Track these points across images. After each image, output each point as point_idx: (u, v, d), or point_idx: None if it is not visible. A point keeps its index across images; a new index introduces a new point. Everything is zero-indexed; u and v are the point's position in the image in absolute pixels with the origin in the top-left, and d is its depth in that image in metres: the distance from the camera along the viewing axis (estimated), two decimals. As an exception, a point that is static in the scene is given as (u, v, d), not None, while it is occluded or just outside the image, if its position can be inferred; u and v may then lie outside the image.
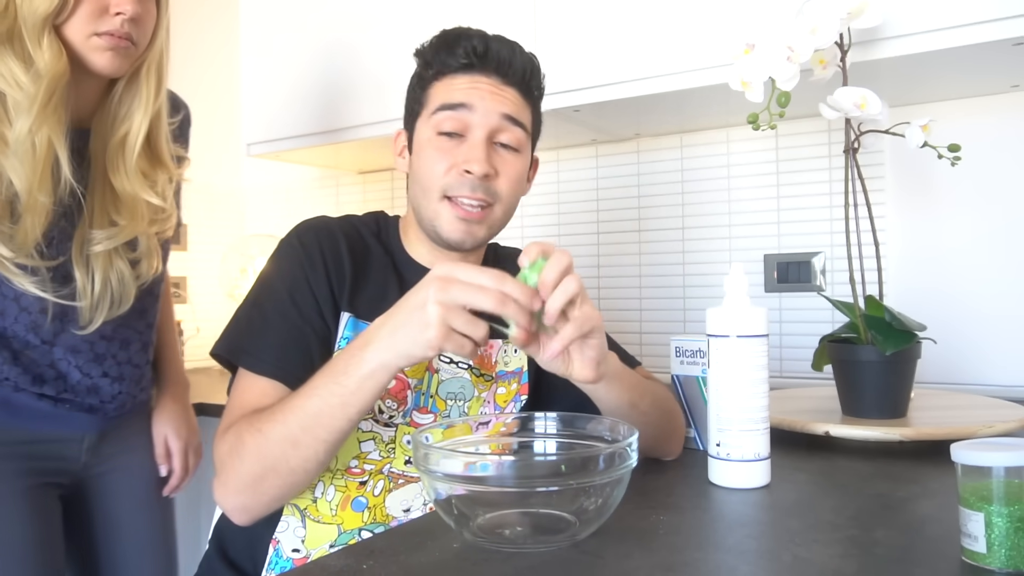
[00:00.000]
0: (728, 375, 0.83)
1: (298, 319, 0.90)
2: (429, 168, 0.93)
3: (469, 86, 0.93)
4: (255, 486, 0.80)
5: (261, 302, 0.91)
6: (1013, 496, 0.58)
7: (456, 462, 0.66)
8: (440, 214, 0.93)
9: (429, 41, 0.98)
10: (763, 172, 1.66)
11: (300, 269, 0.91)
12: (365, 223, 1.01)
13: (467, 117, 0.92)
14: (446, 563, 0.64)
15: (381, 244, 1.00)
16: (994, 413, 1.04)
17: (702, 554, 0.65)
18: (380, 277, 0.96)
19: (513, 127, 0.94)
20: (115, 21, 1.00)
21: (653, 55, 1.36)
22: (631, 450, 0.68)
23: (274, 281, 0.92)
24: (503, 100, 0.93)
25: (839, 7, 1.01)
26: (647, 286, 1.81)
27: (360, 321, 0.92)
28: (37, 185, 0.98)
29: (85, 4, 0.98)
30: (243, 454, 0.80)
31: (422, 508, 0.93)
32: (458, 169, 0.92)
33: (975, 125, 1.43)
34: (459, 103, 0.92)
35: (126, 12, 0.99)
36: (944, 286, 1.48)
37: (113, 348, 1.12)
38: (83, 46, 1.00)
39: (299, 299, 0.90)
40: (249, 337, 0.89)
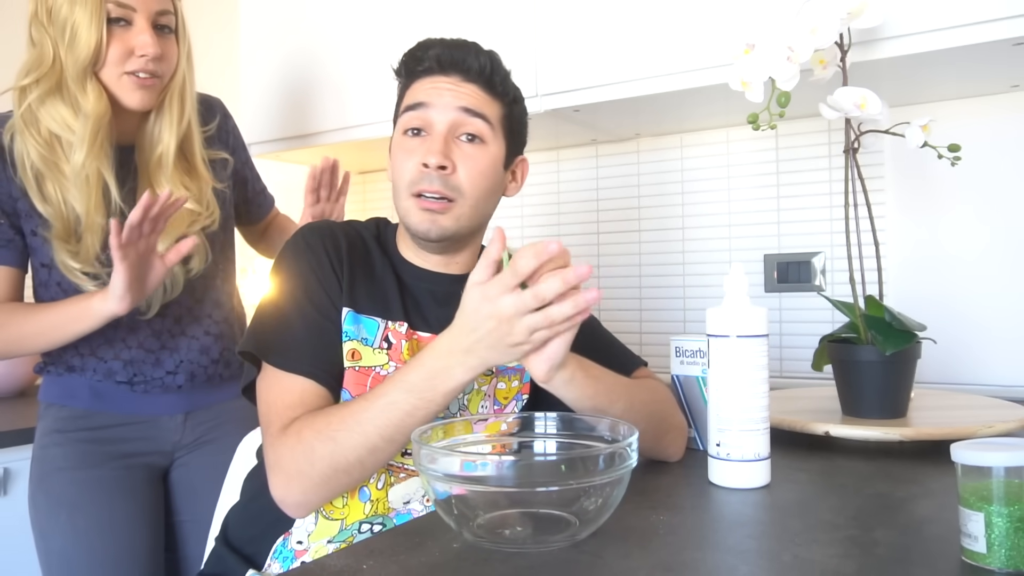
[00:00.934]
0: (728, 375, 0.83)
1: (319, 317, 0.93)
2: (399, 167, 0.97)
3: (430, 87, 0.97)
4: (324, 486, 0.84)
5: (281, 305, 0.95)
6: (1013, 496, 0.58)
7: (456, 462, 0.66)
8: (410, 211, 0.96)
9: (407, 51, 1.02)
10: (763, 172, 1.66)
11: (309, 269, 0.95)
12: (366, 227, 1.05)
13: (427, 115, 0.96)
14: (446, 563, 0.64)
15: (380, 246, 1.03)
16: (994, 413, 1.04)
17: (702, 554, 0.65)
18: (378, 274, 1.00)
19: (472, 119, 0.96)
20: (140, 61, 1.13)
21: (653, 55, 1.36)
22: (631, 450, 0.68)
23: (289, 284, 0.96)
24: (461, 95, 0.96)
25: (839, 7, 1.00)
26: (647, 286, 1.81)
27: (360, 315, 0.95)
28: (93, 209, 1.14)
29: (113, 48, 1.12)
30: (313, 460, 0.83)
31: (421, 500, 0.93)
32: (419, 163, 0.95)
33: (975, 125, 1.43)
34: (419, 102, 0.96)
35: (148, 53, 1.13)
36: (944, 286, 1.48)
37: (168, 324, 1.27)
38: (116, 86, 1.15)
39: (315, 298, 0.94)
40: (276, 337, 0.92)
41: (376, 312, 0.96)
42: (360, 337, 0.94)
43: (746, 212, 1.68)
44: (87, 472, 1.22)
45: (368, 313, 0.96)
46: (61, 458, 1.23)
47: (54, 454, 1.24)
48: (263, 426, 0.90)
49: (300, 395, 0.89)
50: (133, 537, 1.22)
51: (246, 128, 2.07)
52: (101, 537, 1.20)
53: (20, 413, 1.54)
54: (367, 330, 0.95)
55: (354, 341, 0.93)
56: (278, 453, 0.85)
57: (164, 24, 1.17)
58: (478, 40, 1.01)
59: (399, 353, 0.95)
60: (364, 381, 0.92)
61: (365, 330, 0.95)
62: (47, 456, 1.25)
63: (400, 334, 0.95)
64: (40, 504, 1.24)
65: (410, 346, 0.96)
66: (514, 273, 0.76)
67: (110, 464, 1.24)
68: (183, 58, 1.22)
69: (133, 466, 1.26)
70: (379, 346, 0.95)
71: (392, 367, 0.94)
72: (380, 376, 0.93)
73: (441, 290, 1.01)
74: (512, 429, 0.84)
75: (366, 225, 1.06)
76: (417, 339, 0.97)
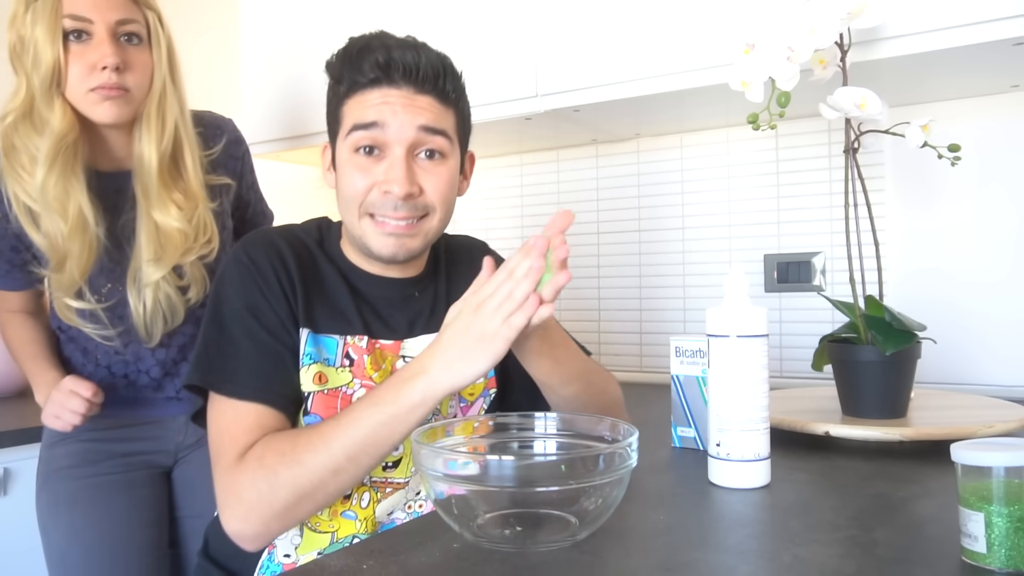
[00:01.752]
0: (728, 375, 0.83)
1: (268, 338, 0.88)
2: (350, 186, 0.91)
3: (380, 102, 0.89)
4: (286, 514, 0.80)
5: (226, 327, 0.89)
6: (1013, 496, 0.58)
7: (455, 462, 0.66)
8: (366, 232, 0.92)
9: (335, 54, 0.95)
10: (763, 172, 1.66)
11: (255, 287, 0.90)
12: (307, 232, 0.99)
13: (381, 135, 0.89)
14: (446, 563, 0.64)
15: (325, 253, 0.98)
16: (994, 413, 1.04)
17: (702, 554, 0.65)
18: (331, 289, 0.95)
19: (433, 136, 0.91)
20: (103, 75, 1.08)
21: (653, 55, 1.36)
22: (631, 450, 0.68)
23: (233, 304, 0.89)
24: (417, 111, 0.90)
25: (839, 7, 1.00)
26: (647, 286, 1.81)
27: (320, 335, 0.91)
28: (68, 234, 1.11)
29: (74, 65, 1.08)
30: (276, 485, 0.79)
31: (403, 509, 0.93)
32: (379, 188, 0.90)
33: (975, 125, 1.43)
34: (371, 122, 0.89)
35: (108, 64, 1.08)
36: (944, 286, 1.48)
37: (172, 353, 1.27)
38: (82, 102, 1.10)
39: (262, 318, 0.89)
40: (223, 364, 0.87)
41: (334, 330, 0.92)
42: (322, 358, 0.91)
43: (746, 212, 1.68)
44: (87, 470, 1.23)
45: (327, 332, 0.92)
46: (65, 457, 1.24)
47: (59, 453, 1.25)
48: (214, 457, 0.85)
49: (256, 421, 0.85)
50: (131, 534, 1.23)
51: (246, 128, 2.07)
52: (98, 534, 1.21)
53: (20, 413, 1.54)
54: (327, 350, 0.91)
55: (317, 364, 0.90)
56: (235, 481, 0.81)
57: (129, 33, 1.12)
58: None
59: (362, 368, 0.92)
60: (333, 404, 0.89)
61: (326, 350, 0.91)
62: (52, 456, 1.26)
63: (360, 348, 0.92)
64: (43, 502, 1.25)
65: (372, 359, 0.92)
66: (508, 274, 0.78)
67: (111, 463, 1.25)
68: (160, 67, 1.15)
69: (135, 465, 1.27)
70: (341, 364, 0.92)
71: (357, 384, 0.91)
72: (348, 396, 0.90)
73: (398, 295, 0.98)
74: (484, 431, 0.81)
75: (307, 230, 1.00)
76: (380, 348, 0.94)
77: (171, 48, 1.19)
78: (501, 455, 0.75)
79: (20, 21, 1.09)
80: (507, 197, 1.99)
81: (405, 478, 0.94)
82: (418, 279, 1.01)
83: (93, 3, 1.08)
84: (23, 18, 1.08)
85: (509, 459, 0.69)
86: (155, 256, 1.15)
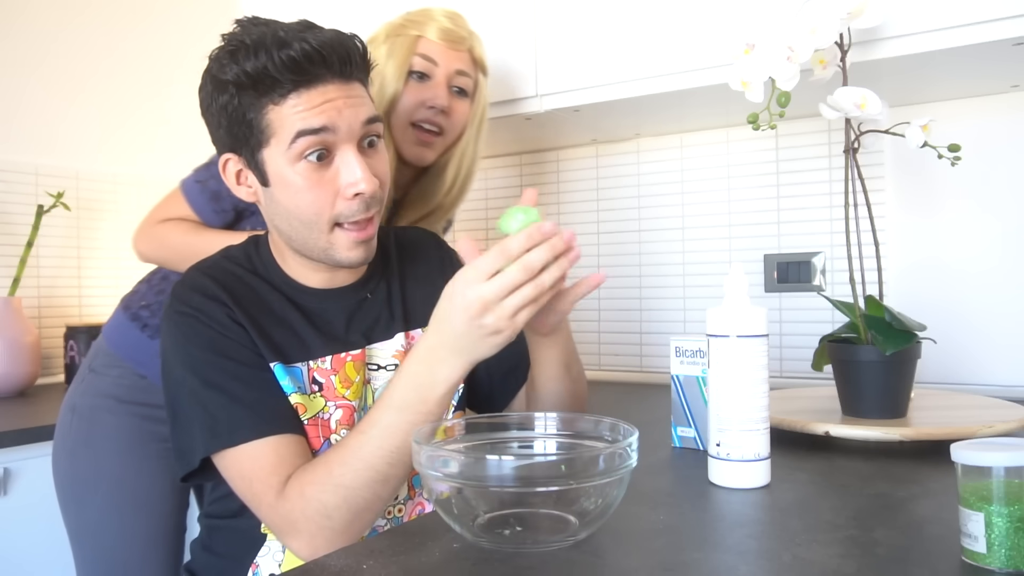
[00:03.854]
0: (728, 375, 0.83)
1: (248, 371, 0.84)
2: (310, 203, 0.84)
3: (323, 101, 0.82)
4: (348, 529, 0.79)
5: (207, 379, 0.83)
6: (1013, 496, 0.58)
7: (455, 462, 0.66)
8: (334, 243, 0.87)
9: (226, 53, 0.83)
10: (763, 172, 1.66)
11: (210, 329, 0.85)
12: (237, 262, 0.93)
13: (331, 138, 0.83)
14: (446, 563, 0.64)
15: (263, 279, 0.92)
16: (994, 413, 1.04)
17: (702, 554, 0.65)
18: (281, 315, 0.90)
19: (373, 125, 0.87)
20: (429, 113, 1.20)
21: (653, 55, 1.36)
22: (631, 450, 0.68)
23: (197, 355, 0.84)
24: (356, 104, 0.84)
25: (839, 7, 1.00)
26: (647, 286, 1.81)
27: (291, 366, 0.87)
28: None
29: (407, 98, 1.19)
30: (329, 512, 0.78)
31: (384, 517, 0.92)
32: (343, 195, 0.84)
33: (975, 125, 1.43)
34: (321, 127, 0.82)
35: (438, 104, 1.19)
36: (944, 286, 1.48)
37: None
38: (401, 135, 1.21)
39: (234, 355, 0.84)
40: (229, 418, 0.82)
41: (298, 357, 0.88)
42: (296, 388, 0.87)
43: (746, 212, 1.68)
44: (136, 450, 1.24)
45: (294, 361, 0.88)
46: (113, 429, 1.24)
47: (106, 422, 1.24)
48: (254, 503, 0.82)
49: (276, 454, 0.81)
50: (168, 517, 1.25)
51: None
52: (136, 515, 1.22)
53: (20, 413, 1.54)
54: (296, 379, 0.88)
55: (294, 395, 0.86)
56: (289, 518, 0.79)
57: (460, 86, 1.23)
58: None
59: (332, 390, 0.89)
60: (315, 433, 0.87)
61: (295, 379, 0.88)
62: (97, 419, 1.24)
63: (326, 370, 0.89)
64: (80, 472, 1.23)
65: (340, 377, 0.90)
66: (503, 254, 0.74)
67: (156, 445, 1.25)
68: (472, 126, 1.26)
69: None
70: (311, 391, 0.88)
71: (332, 407, 0.88)
72: (325, 421, 0.88)
73: (352, 302, 0.95)
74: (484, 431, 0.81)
75: (234, 258, 0.93)
76: (352, 360, 0.91)
77: (484, 110, 1.30)
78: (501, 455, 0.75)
79: (376, 48, 1.21)
80: (507, 197, 1.99)
81: None
82: (367, 279, 0.98)
83: (443, 50, 1.21)
84: (380, 47, 1.22)
85: (509, 459, 0.69)
86: None
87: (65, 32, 2.03)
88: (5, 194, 1.90)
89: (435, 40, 1.21)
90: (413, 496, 0.95)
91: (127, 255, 2.13)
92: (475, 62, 1.26)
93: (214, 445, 0.82)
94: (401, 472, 0.80)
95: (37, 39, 1.97)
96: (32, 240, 1.85)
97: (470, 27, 1.27)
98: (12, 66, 1.93)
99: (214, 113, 0.86)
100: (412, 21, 1.23)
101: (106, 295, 2.09)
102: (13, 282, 1.80)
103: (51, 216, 1.91)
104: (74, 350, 1.84)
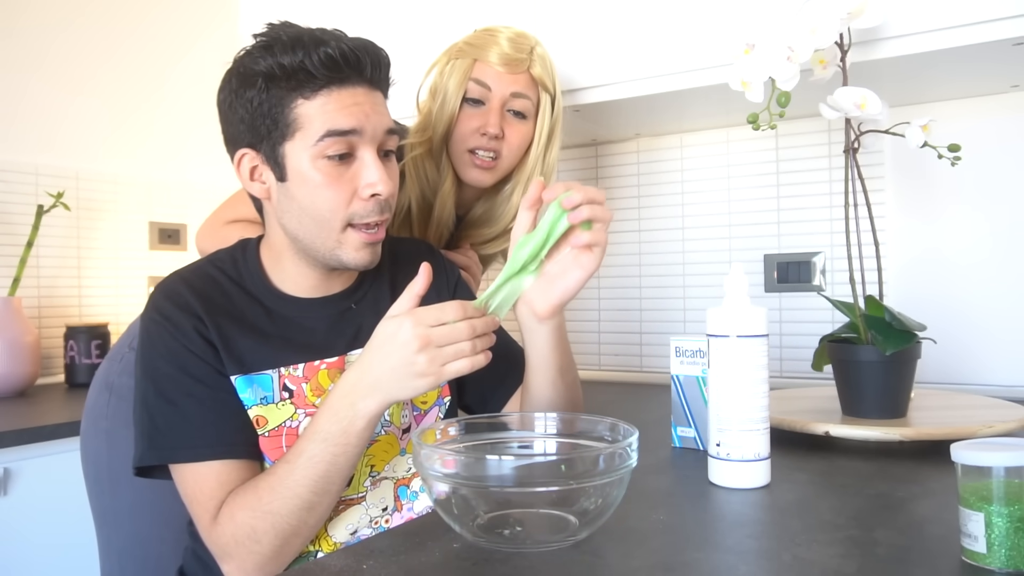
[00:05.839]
0: (728, 375, 0.83)
1: (205, 391, 0.85)
2: (327, 199, 0.85)
3: (352, 103, 0.84)
4: (279, 556, 0.82)
5: (163, 390, 0.85)
6: (1013, 496, 0.58)
7: (455, 462, 0.66)
8: (343, 243, 0.88)
9: (261, 48, 0.85)
10: (763, 172, 1.66)
11: (175, 341, 0.85)
12: (221, 267, 0.93)
13: (357, 140, 0.85)
14: (446, 563, 0.64)
15: (242, 288, 0.92)
16: (994, 413, 1.04)
17: (702, 554, 0.65)
18: (254, 322, 0.90)
19: (393, 136, 0.89)
20: (482, 139, 1.20)
21: (653, 55, 1.36)
22: (631, 450, 0.68)
23: (160, 365, 0.85)
24: (382, 112, 0.88)
25: (839, 7, 1.00)
26: (647, 286, 1.81)
27: (252, 375, 0.87)
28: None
29: (463, 125, 1.20)
30: (258, 537, 0.80)
31: (370, 527, 0.91)
32: (361, 195, 0.86)
33: (975, 125, 1.43)
34: (350, 128, 0.84)
35: (489, 132, 1.19)
36: (944, 286, 1.48)
37: None
38: (458, 160, 1.22)
39: (193, 371, 0.85)
40: (173, 433, 0.84)
41: (266, 365, 0.88)
42: (259, 399, 0.87)
43: (746, 212, 1.68)
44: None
45: (258, 369, 0.87)
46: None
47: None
48: (195, 522, 0.85)
49: (216, 479, 0.83)
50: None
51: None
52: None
53: (20, 413, 1.54)
54: (263, 387, 0.87)
55: (256, 407, 0.87)
56: (220, 543, 0.81)
57: (517, 109, 1.21)
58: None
59: (303, 398, 0.89)
60: (278, 444, 0.87)
61: (261, 388, 0.87)
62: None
63: (298, 377, 0.89)
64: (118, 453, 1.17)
65: (312, 385, 0.89)
66: (461, 309, 0.78)
67: None
68: (538, 146, 1.24)
69: None
70: (280, 399, 0.88)
71: (301, 415, 0.88)
72: (293, 429, 0.88)
73: (335, 312, 0.95)
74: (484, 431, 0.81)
75: (221, 263, 0.94)
76: (327, 367, 0.91)
77: (554, 130, 1.26)
78: (501, 455, 0.75)
79: (440, 70, 1.24)
80: (507, 197, 1.99)
81: (358, 493, 0.91)
82: (355, 288, 0.97)
83: (498, 75, 1.20)
84: (443, 68, 1.23)
85: (509, 459, 0.69)
86: None
87: (66, 31, 2.03)
88: (5, 194, 1.90)
89: (492, 64, 1.20)
90: (400, 509, 0.94)
91: (127, 255, 2.15)
92: (535, 82, 1.23)
93: (151, 456, 0.85)
94: (327, 500, 0.81)
95: (38, 39, 1.97)
96: (32, 240, 1.84)
97: (534, 46, 1.24)
98: (13, 66, 1.93)
99: (236, 109, 0.86)
100: (471, 44, 1.22)
101: (106, 295, 2.09)
102: (13, 282, 1.80)
103: (51, 216, 1.91)
104: (74, 350, 1.84)
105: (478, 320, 0.78)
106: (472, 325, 0.77)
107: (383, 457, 0.93)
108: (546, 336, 0.92)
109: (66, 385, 1.86)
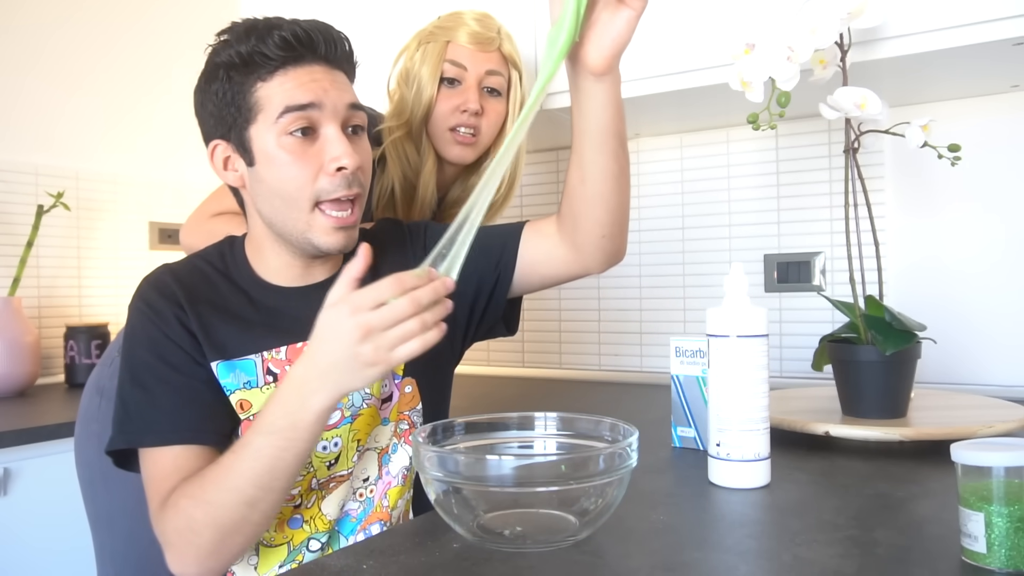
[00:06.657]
0: (728, 375, 0.83)
1: (179, 378, 0.85)
2: (294, 177, 0.85)
3: (309, 79, 0.85)
4: (217, 552, 0.78)
5: (137, 377, 0.86)
6: (1013, 496, 0.58)
7: (455, 462, 0.66)
8: (312, 225, 0.86)
9: (222, 42, 0.87)
10: (763, 172, 1.66)
11: (156, 329, 0.86)
12: (209, 260, 0.94)
13: (317, 115, 0.85)
14: (446, 563, 0.64)
15: (228, 278, 0.93)
16: (994, 413, 1.04)
17: (702, 554, 0.65)
18: (236, 310, 0.90)
19: (358, 112, 0.89)
20: (463, 117, 1.24)
21: (653, 55, 1.36)
22: (631, 450, 0.68)
23: (139, 352, 0.87)
24: (343, 87, 0.88)
25: (839, 7, 1.00)
26: (647, 286, 1.81)
27: (234, 360, 0.87)
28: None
29: (442, 104, 1.24)
30: (196, 528, 0.77)
31: (357, 500, 0.91)
32: (327, 170, 0.85)
33: (975, 125, 1.43)
34: (308, 103, 0.84)
35: (469, 109, 1.23)
36: (944, 286, 1.48)
37: None
38: (440, 139, 1.26)
39: (171, 359, 0.86)
40: (141, 418, 0.85)
41: (249, 350, 0.88)
42: (242, 383, 0.87)
43: (746, 212, 1.68)
44: None
45: (240, 355, 0.87)
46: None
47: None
48: (148, 506, 0.83)
49: (173, 465, 0.82)
50: None
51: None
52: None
53: (20, 413, 1.54)
54: (246, 372, 0.87)
55: (238, 391, 0.87)
56: (163, 529, 0.80)
57: (492, 86, 1.26)
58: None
59: None
60: None
61: (244, 373, 0.87)
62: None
63: (281, 360, 0.88)
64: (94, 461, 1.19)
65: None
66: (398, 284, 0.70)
67: None
68: (512, 122, 1.26)
69: None
70: (264, 383, 0.88)
71: None
72: None
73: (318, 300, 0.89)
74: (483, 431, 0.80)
75: (208, 257, 0.95)
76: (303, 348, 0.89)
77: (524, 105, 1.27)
78: (501, 455, 0.75)
79: (410, 56, 1.28)
80: (507, 197, 1.99)
81: (348, 469, 0.91)
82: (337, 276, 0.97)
83: (471, 53, 1.25)
84: (413, 54, 1.27)
85: (509, 459, 0.69)
86: None
87: (63, 30, 2.03)
88: (5, 194, 1.90)
89: (463, 44, 1.25)
90: (382, 476, 0.94)
91: (127, 255, 2.15)
92: (506, 60, 1.28)
93: (119, 440, 0.85)
94: (271, 497, 0.77)
95: (34, 36, 1.97)
96: (32, 240, 1.84)
97: (500, 25, 1.29)
98: (11, 65, 1.93)
99: (206, 104, 0.88)
100: (441, 28, 1.27)
101: (106, 295, 2.09)
102: (13, 282, 1.79)
103: (51, 216, 1.90)
104: (74, 350, 1.84)
105: (422, 291, 0.70)
106: (415, 299, 0.69)
107: (366, 430, 0.93)
108: (605, 96, 0.84)
109: (66, 385, 1.86)
